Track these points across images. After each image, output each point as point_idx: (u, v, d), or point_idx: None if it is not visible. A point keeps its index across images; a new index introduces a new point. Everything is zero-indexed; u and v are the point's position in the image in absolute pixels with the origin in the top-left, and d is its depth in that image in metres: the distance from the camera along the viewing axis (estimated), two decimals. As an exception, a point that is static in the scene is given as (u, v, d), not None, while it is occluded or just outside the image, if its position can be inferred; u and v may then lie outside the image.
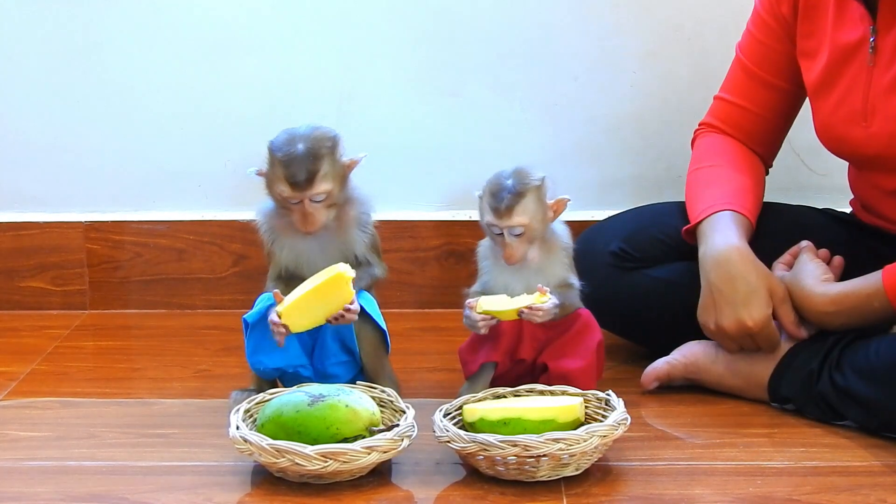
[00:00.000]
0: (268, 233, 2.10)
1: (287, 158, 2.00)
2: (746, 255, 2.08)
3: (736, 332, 2.07)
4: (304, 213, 2.02)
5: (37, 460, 1.94)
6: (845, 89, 2.10)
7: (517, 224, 2.02)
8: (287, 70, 2.62)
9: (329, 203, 2.03)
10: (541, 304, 1.99)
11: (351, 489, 1.82)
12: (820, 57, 2.13)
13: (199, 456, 1.94)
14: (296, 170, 1.99)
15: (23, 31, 2.61)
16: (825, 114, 2.14)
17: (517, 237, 2.03)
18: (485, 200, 2.05)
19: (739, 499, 1.79)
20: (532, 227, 2.03)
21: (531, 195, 2.02)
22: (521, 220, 2.02)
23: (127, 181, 2.68)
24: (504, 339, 2.04)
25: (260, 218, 2.10)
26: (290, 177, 2.00)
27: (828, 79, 2.12)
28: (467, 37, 2.61)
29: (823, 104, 2.14)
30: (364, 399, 1.88)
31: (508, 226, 2.02)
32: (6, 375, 2.30)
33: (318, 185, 2.01)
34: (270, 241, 2.09)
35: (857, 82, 2.08)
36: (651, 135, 2.64)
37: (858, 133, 2.09)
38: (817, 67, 2.14)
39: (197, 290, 2.69)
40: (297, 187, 2.00)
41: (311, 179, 2.00)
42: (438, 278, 2.66)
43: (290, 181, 2.00)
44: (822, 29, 2.13)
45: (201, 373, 2.33)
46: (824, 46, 2.12)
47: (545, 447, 1.78)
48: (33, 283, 2.69)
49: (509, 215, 2.01)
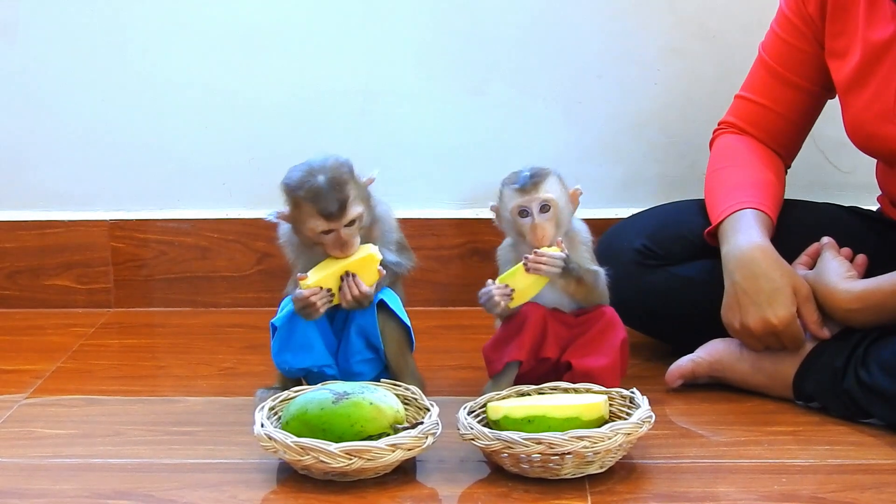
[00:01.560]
0: (291, 249, 2.10)
1: (313, 194, 2.00)
2: (770, 253, 2.08)
3: (761, 332, 2.06)
4: (341, 240, 2.02)
5: (62, 457, 1.95)
6: (878, 87, 2.09)
7: (545, 198, 2.03)
8: (311, 68, 2.63)
9: (360, 225, 2.04)
10: (546, 250, 2.00)
11: (375, 487, 1.82)
12: (851, 56, 2.12)
13: (224, 453, 1.95)
14: (327, 203, 1.99)
15: (49, 30, 2.62)
16: (856, 111, 2.13)
17: (545, 216, 2.03)
18: (506, 190, 2.06)
19: (764, 497, 1.78)
20: (559, 207, 2.04)
21: (553, 176, 2.06)
22: (548, 194, 2.04)
23: (151, 180, 2.69)
24: (528, 338, 2.04)
25: (282, 235, 2.11)
26: (323, 210, 2.00)
27: (859, 77, 2.11)
28: (491, 35, 2.61)
29: (854, 102, 2.13)
30: (388, 397, 1.89)
31: (537, 198, 2.03)
32: (32, 373, 2.31)
33: (351, 212, 2.01)
34: (295, 256, 2.10)
35: (890, 79, 2.06)
36: (675, 132, 2.63)
37: (891, 130, 2.07)
38: (848, 66, 2.13)
39: (221, 288, 2.70)
40: (332, 218, 2.00)
41: (343, 208, 2.00)
42: (461, 276, 2.66)
43: (324, 214, 2.00)
44: (852, 28, 2.12)
45: (226, 370, 2.33)
46: (856, 45, 2.11)
47: (569, 445, 1.78)
48: (58, 281, 2.71)
49: (536, 189, 2.03)
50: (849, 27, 2.13)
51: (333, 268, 2.02)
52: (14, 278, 2.70)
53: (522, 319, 2.04)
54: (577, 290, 2.06)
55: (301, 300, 2.01)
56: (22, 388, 2.24)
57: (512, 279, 2.03)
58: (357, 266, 2.02)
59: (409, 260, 2.14)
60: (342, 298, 2.03)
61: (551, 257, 2.01)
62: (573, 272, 2.03)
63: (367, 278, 2.03)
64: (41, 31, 2.63)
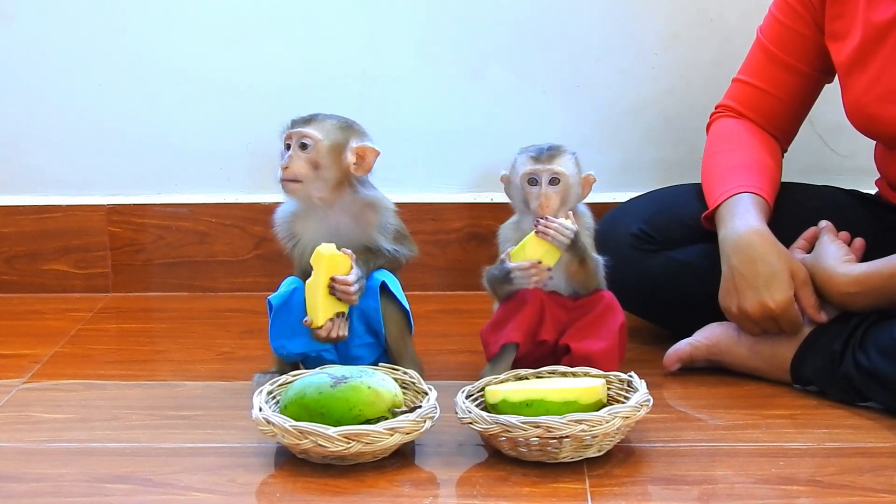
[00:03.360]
0: (286, 237, 2.10)
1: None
2: (767, 237, 2.08)
3: (758, 315, 2.06)
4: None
5: (61, 442, 1.95)
6: (880, 68, 2.08)
7: (557, 171, 2.05)
8: (309, 52, 2.63)
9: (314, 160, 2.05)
10: (559, 219, 2.02)
11: (374, 470, 1.82)
12: (851, 37, 2.12)
13: (223, 437, 1.95)
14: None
15: (47, 16, 2.62)
16: (857, 93, 2.12)
17: (553, 188, 2.04)
18: (520, 157, 2.09)
19: (762, 480, 1.78)
20: (568, 184, 2.06)
21: (569, 154, 2.09)
22: (560, 168, 2.06)
23: (149, 164, 2.68)
24: (525, 320, 2.05)
25: (278, 223, 2.11)
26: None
27: (861, 58, 2.11)
28: (489, 19, 2.60)
29: (855, 83, 2.12)
30: (387, 381, 1.89)
31: (549, 169, 2.05)
32: (30, 358, 2.31)
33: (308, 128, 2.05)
34: (291, 245, 2.10)
35: (892, 60, 2.06)
36: (673, 117, 2.63)
37: (893, 111, 2.07)
38: (849, 48, 2.12)
39: (219, 273, 2.70)
40: (293, 124, 2.06)
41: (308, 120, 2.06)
42: (461, 261, 2.66)
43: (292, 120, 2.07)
44: (851, 9, 2.12)
45: (224, 355, 2.34)
46: (856, 26, 2.11)
47: (567, 428, 1.78)
48: (56, 266, 2.71)
49: (550, 161, 2.06)
50: (848, 8, 2.13)
51: (311, 293, 2.02)
52: (12, 263, 2.70)
53: (520, 301, 2.05)
54: (578, 270, 2.06)
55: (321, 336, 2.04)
56: (20, 373, 2.24)
57: (522, 253, 2.03)
58: (325, 275, 2.01)
59: (410, 250, 2.13)
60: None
61: (562, 225, 2.02)
62: (579, 248, 2.04)
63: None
64: (39, 17, 2.62)
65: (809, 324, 2.08)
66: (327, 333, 2.02)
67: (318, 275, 2.01)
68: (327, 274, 2.01)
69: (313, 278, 2.01)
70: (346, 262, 2.02)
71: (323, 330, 2.02)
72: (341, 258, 2.02)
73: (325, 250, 2.01)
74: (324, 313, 2.02)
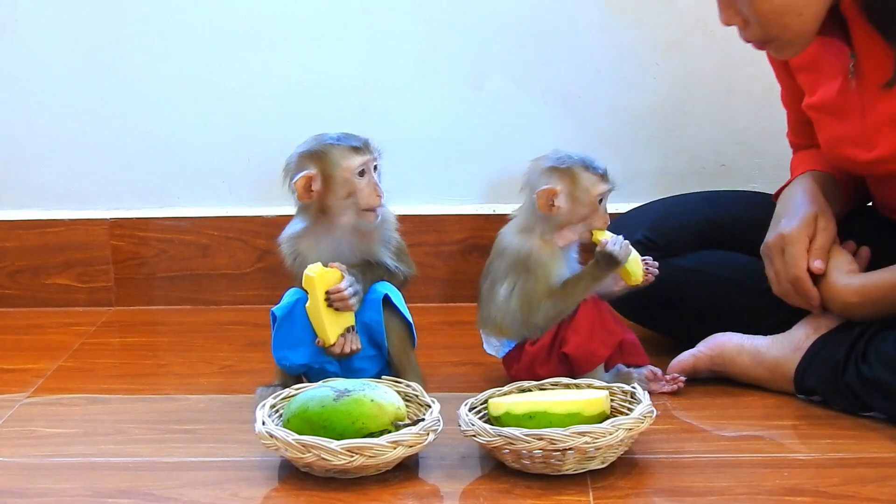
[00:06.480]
0: (292, 256, 2.10)
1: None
2: (810, 189, 2.10)
3: (772, 245, 2.07)
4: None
5: (64, 456, 1.95)
6: (842, 116, 2.07)
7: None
8: (310, 65, 2.63)
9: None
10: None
11: (377, 483, 1.82)
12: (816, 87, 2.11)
13: (225, 451, 1.95)
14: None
15: (47, 28, 2.62)
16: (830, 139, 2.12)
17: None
18: (587, 174, 2.09)
19: (766, 491, 1.78)
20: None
21: None
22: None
23: (151, 178, 2.69)
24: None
25: (284, 242, 2.11)
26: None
27: (825, 108, 2.10)
28: (489, 29, 2.61)
29: (827, 129, 2.12)
30: (389, 394, 1.88)
31: (610, 189, 2.11)
32: (33, 372, 2.31)
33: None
34: (297, 266, 2.09)
35: (851, 108, 2.05)
36: (674, 127, 2.63)
37: (862, 155, 2.06)
38: (816, 97, 2.12)
39: (222, 286, 2.70)
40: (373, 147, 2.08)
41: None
42: (462, 272, 2.66)
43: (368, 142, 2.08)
44: (812, 61, 2.11)
45: (226, 368, 2.34)
46: (819, 78, 2.10)
47: (571, 440, 1.78)
48: (59, 279, 2.71)
49: (608, 181, 2.11)
50: (809, 61, 2.11)
51: (313, 316, 2.03)
52: (15, 277, 2.71)
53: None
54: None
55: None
56: (23, 388, 2.24)
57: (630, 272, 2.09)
58: (319, 293, 2.02)
59: (408, 268, 2.13)
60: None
61: (615, 239, 2.09)
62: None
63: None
64: (40, 29, 2.63)
65: (813, 334, 2.07)
66: (341, 349, 2.03)
67: (314, 295, 2.01)
68: (322, 291, 2.01)
69: (311, 301, 2.02)
70: (335, 274, 2.02)
71: (336, 346, 2.02)
72: (330, 273, 2.02)
73: (311, 271, 2.01)
74: (332, 330, 2.02)
